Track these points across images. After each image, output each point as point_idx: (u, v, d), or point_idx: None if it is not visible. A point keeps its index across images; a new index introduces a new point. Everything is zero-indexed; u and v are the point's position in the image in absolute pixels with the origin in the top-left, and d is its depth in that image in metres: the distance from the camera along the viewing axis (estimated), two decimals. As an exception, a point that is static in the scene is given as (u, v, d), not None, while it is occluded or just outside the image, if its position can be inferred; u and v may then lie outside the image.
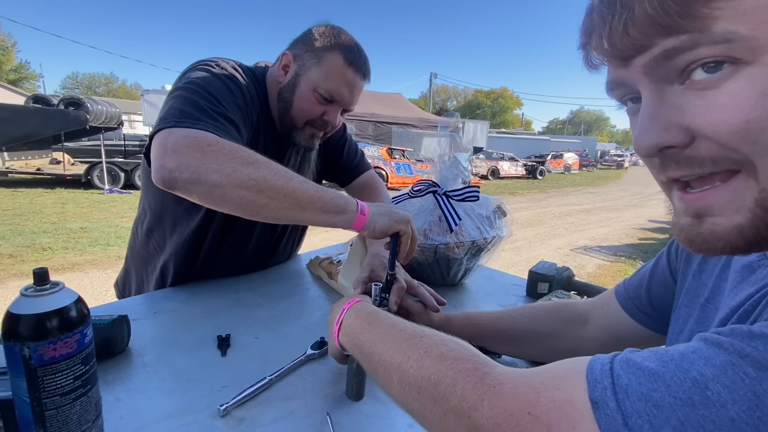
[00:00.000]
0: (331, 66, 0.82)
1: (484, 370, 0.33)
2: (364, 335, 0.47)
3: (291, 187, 0.64)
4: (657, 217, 8.13)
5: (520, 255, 4.89)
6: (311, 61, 0.83)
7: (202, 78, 0.74)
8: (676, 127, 0.27)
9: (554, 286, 0.97)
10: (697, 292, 0.43)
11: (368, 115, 11.36)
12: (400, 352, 0.40)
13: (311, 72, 0.83)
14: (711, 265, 0.43)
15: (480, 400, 0.30)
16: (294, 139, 0.89)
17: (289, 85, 0.85)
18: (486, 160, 14.86)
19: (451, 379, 0.33)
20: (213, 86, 0.73)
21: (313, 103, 0.84)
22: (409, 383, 0.37)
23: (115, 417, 0.51)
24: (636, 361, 0.27)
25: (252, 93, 0.84)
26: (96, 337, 0.60)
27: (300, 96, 0.84)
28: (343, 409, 0.56)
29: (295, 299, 0.91)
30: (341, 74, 0.83)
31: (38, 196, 6.53)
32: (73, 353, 0.39)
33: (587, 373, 0.28)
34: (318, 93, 0.83)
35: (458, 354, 0.36)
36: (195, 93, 0.70)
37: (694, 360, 0.25)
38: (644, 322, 0.54)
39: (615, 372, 0.27)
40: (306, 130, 0.89)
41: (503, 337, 0.66)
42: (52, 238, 4.34)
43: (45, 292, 0.38)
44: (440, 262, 0.96)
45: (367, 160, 1.16)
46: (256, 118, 0.85)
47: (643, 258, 5.02)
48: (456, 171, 1.02)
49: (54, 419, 0.39)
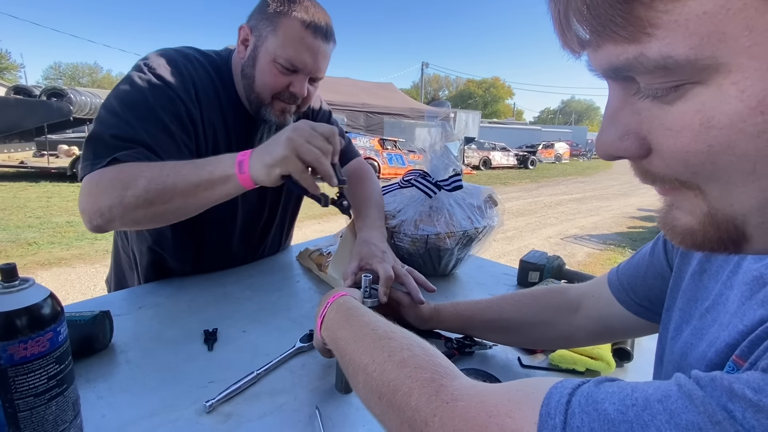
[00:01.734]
0: (287, 32, 0.76)
1: (441, 382, 0.32)
2: (341, 332, 0.46)
3: (171, 183, 0.64)
4: (646, 205, 8.24)
5: (512, 244, 4.92)
6: (267, 29, 0.77)
7: (120, 98, 0.71)
8: (633, 136, 0.24)
9: (545, 275, 0.97)
10: (696, 296, 0.39)
11: (359, 105, 11.26)
12: (367, 353, 0.39)
13: (268, 42, 0.77)
14: (715, 266, 0.39)
15: (432, 415, 0.30)
16: (264, 116, 0.84)
17: (249, 60, 0.80)
18: (477, 151, 14.86)
19: (408, 388, 0.32)
20: (129, 104, 0.70)
21: (275, 75, 0.79)
22: (372, 388, 0.36)
23: (97, 415, 0.50)
24: (596, 400, 0.24)
25: (205, 82, 0.80)
26: (76, 333, 0.59)
27: (261, 69, 0.79)
28: (333, 402, 0.56)
29: (285, 292, 0.90)
30: (300, 39, 0.76)
31: (22, 190, 6.37)
32: (46, 352, 0.37)
33: (542, 404, 0.26)
34: (278, 63, 0.77)
35: (419, 362, 0.35)
36: (105, 124, 0.69)
37: (658, 412, 0.22)
38: (640, 313, 0.52)
39: (570, 409, 0.24)
40: (275, 105, 0.83)
41: (491, 327, 0.65)
42: (37, 232, 4.25)
43: (13, 288, 0.36)
44: (431, 253, 0.96)
45: (355, 147, 1.13)
46: (218, 105, 0.82)
47: (632, 246, 5.09)
48: (447, 161, 1.01)
49: (28, 420, 0.37)
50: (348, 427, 0.52)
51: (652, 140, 0.23)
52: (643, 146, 0.24)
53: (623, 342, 0.68)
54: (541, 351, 0.70)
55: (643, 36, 0.20)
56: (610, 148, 0.25)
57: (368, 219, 0.90)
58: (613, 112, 0.25)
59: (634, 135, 0.24)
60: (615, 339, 0.62)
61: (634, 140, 0.24)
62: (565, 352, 0.66)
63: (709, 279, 0.38)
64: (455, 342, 0.69)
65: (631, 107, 0.24)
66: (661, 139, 0.22)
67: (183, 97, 0.75)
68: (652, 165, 0.24)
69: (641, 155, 0.24)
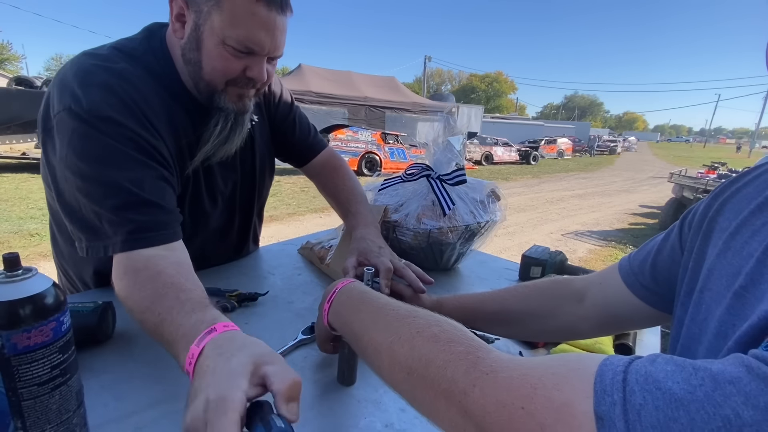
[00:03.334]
0: (234, 7, 0.62)
1: (477, 354, 0.31)
2: (355, 314, 0.46)
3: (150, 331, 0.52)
4: (648, 202, 8.22)
5: (513, 240, 4.92)
6: (208, 4, 0.63)
7: (84, 159, 0.60)
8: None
9: (547, 270, 0.97)
10: (724, 275, 0.37)
11: (361, 99, 11.20)
12: (390, 331, 0.39)
13: (212, 20, 0.63)
14: (739, 243, 0.37)
15: (471, 385, 0.29)
16: (218, 103, 0.72)
17: (191, 42, 0.67)
18: (480, 146, 14.80)
19: (443, 361, 0.32)
20: (100, 162, 0.60)
21: (226, 59, 0.66)
22: (399, 364, 0.36)
23: (100, 405, 0.50)
24: (656, 378, 0.23)
25: (147, 96, 0.66)
26: (79, 324, 0.59)
27: (208, 53, 0.66)
28: (335, 394, 0.56)
29: (286, 284, 0.90)
30: (251, 15, 0.63)
31: (24, 181, 6.38)
32: (50, 342, 0.37)
33: (596, 380, 0.24)
34: (229, 45, 0.65)
35: (451, 336, 0.34)
36: (91, 193, 0.59)
37: (731, 394, 0.20)
38: (646, 298, 0.51)
39: (629, 386, 0.23)
40: (230, 92, 0.71)
41: (495, 319, 0.65)
42: (39, 224, 4.26)
43: (17, 278, 0.36)
44: (433, 247, 0.95)
45: (321, 137, 1.04)
46: (166, 112, 0.69)
47: (634, 243, 5.08)
48: (450, 155, 1.00)
49: (32, 409, 0.37)
50: (350, 419, 0.52)
51: None
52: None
53: (625, 337, 0.68)
54: (543, 345, 0.70)
55: None
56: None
57: (360, 216, 0.89)
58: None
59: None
60: (619, 329, 0.62)
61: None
62: (566, 346, 0.66)
63: (734, 256, 0.37)
64: (457, 336, 0.69)
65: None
66: None
67: (137, 130, 0.63)
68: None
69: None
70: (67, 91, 0.62)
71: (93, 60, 0.65)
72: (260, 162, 0.92)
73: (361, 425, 0.51)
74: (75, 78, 0.62)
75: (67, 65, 0.66)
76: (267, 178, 0.98)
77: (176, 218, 0.65)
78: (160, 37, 0.72)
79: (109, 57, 0.66)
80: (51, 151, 0.64)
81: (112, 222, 0.59)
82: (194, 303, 0.49)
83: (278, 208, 5.71)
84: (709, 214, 0.43)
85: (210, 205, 0.85)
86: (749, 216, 0.38)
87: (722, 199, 0.43)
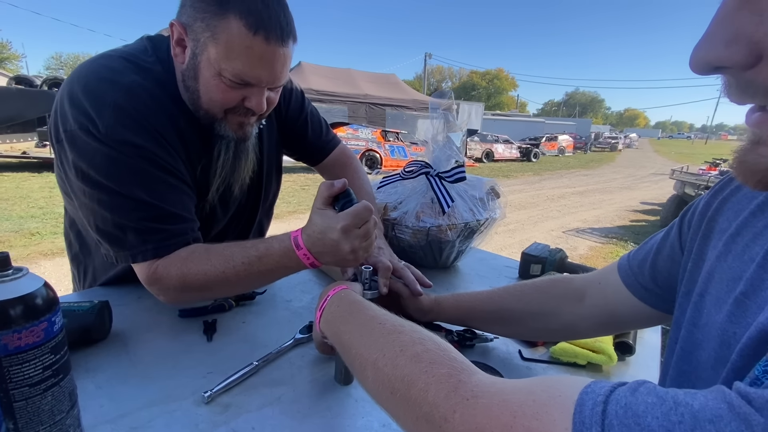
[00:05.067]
0: (229, 40, 0.59)
1: (459, 377, 0.31)
2: (344, 325, 0.46)
3: (245, 286, 0.68)
4: (649, 199, 8.19)
5: (513, 237, 4.91)
6: (204, 35, 0.61)
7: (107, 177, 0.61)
8: (743, 41, 0.22)
9: (547, 267, 0.96)
10: (725, 279, 0.36)
11: (361, 97, 11.18)
12: (376, 347, 0.38)
13: (209, 51, 0.61)
14: (740, 246, 0.36)
15: (452, 411, 0.29)
16: (219, 131, 0.71)
17: (190, 71, 0.65)
18: (480, 143, 14.77)
19: (424, 383, 0.32)
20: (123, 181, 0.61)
21: (224, 91, 0.64)
22: (383, 382, 0.35)
23: (95, 405, 0.50)
24: (636, 412, 0.22)
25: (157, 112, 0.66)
26: (75, 323, 0.59)
27: (205, 84, 0.64)
28: (332, 394, 0.55)
29: (284, 283, 0.89)
30: (247, 48, 0.60)
31: (25, 180, 6.38)
32: (41, 342, 0.36)
33: (575, 411, 0.24)
34: (225, 77, 0.62)
35: (434, 356, 0.34)
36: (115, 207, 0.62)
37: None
38: (646, 299, 0.51)
39: (607, 418, 0.22)
40: (230, 119, 0.70)
41: (493, 318, 0.65)
42: (40, 222, 4.27)
43: (7, 278, 0.35)
44: (432, 245, 0.95)
45: (334, 133, 1.04)
46: (175, 129, 0.68)
47: (635, 240, 5.07)
48: (449, 152, 0.99)
49: (24, 410, 0.37)
50: (347, 419, 0.51)
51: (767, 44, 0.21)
52: (752, 53, 0.22)
53: (626, 335, 0.68)
54: (542, 344, 0.69)
55: None
56: (709, 56, 0.23)
57: None
58: (725, 14, 0.23)
59: (745, 40, 0.22)
60: (619, 329, 0.61)
61: (744, 46, 0.22)
62: (566, 345, 0.66)
63: (734, 259, 0.36)
64: (456, 335, 0.68)
65: (751, 6, 0.22)
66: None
67: (153, 149, 0.64)
68: (762, 74, 0.22)
69: (746, 64, 0.23)
70: (79, 110, 0.61)
71: (102, 73, 0.64)
72: (267, 164, 0.92)
73: (358, 425, 0.51)
74: (85, 96, 0.62)
75: (75, 75, 0.65)
76: (274, 179, 0.98)
77: (197, 224, 0.70)
78: (165, 49, 0.70)
79: (118, 69, 0.65)
80: (65, 161, 0.65)
81: (139, 232, 0.63)
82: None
83: (279, 206, 5.69)
84: (709, 213, 0.42)
85: (221, 213, 0.86)
86: (749, 217, 0.37)
87: (722, 197, 0.42)
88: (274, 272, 0.64)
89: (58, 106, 0.64)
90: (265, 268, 0.63)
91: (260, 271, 0.63)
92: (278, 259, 0.62)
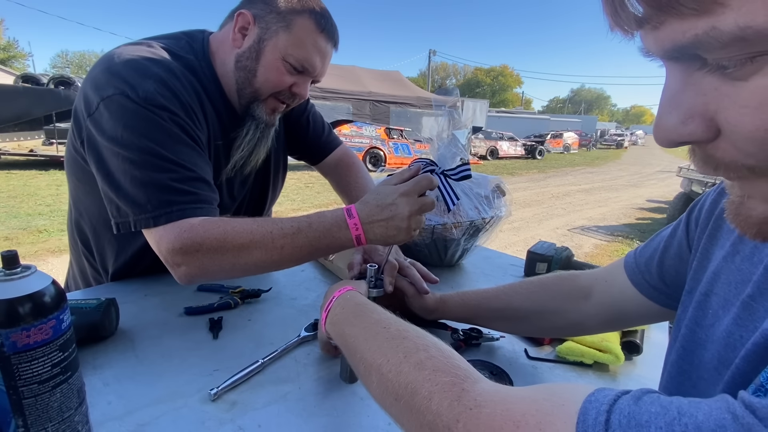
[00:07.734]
0: (302, 32, 0.72)
1: (462, 386, 0.31)
2: (349, 328, 0.46)
3: (287, 254, 0.63)
4: (655, 196, 8.13)
5: (518, 235, 4.89)
6: (278, 24, 0.72)
7: (141, 137, 0.63)
8: (698, 119, 0.22)
9: (553, 266, 0.95)
10: (732, 281, 0.36)
11: (365, 94, 11.14)
12: (380, 353, 0.38)
13: (279, 38, 0.73)
14: (749, 248, 0.36)
15: (455, 420, 0.29)
16: (254, 112, 0.79)
17: (251, 52, 0.74)
18: (485, 140, 14.72)
19: (428, 392, 0.31)
20: (157, 141, 0.64)
21: (281, 73, 0.75)
22: (387, 388, 0.35)
23: (103, 402, 0.50)
24: (639, 422, 0.22)
25: (191, 94, 0.71)
26: (83, 321, 0.59)
27: (266, 65, 0.74)
28: (337, 392, 0.55)
29: (289, 280, 0.89)
30: (313, 42, 0.74)
31: (32, 178, 6.45)
32: (50, 340, 0.37)
33: (578, 420, 0.24)
34: (288, 62, 0.74)
35: (437, 364, 0.34)
36: (147, 165, 0.63)
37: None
38: (654, 297, 0.50)
39: (611, 428, 0.22)
40: (269, 103, 0.79)
41: (499, 316, 0.64)
42: (47, 220, 4.31)
43: (15, 276, 0.36)
44: (437, 243, 0.95)
45: (336, 134, 1.07)
46: (198, 100, 0.73)
47: (641, 237, 5.04)
48: (454, 149, 0.99)
49: (33, 407, 0.37)
50: (353, 417, 0.51)
51: (721, 121, 0.21)
52: (710, 128, 0.22)
53: (633, 335, 0.67)
54: (549, 342, 0.69)
55: (715, 7, 0.18)
56: (672, 134, 0.23)
57: None
58: (672, 95, 0.23)
59: (699, 117, 0.22)
60: (627, 325, 0.61)
61: (700, 123, 0.22)
62: (572, 344, 0.65)
63: (742, 261, 0.36)
64: (461, 333, 0.68)
65: (694, 87, 0.22)
66: (733, 118, 0.21)
67: (187, 120, 0.69)
68: (719, 149, 0.22)
69: (707, 139, 0.22)
70: (119, 78, 0.65)
71: (142, 53, 0.69)
72: (275, 161, 0.94)
73: (364, 423, 0.51)
74: (127, 68, 0.66)
75: (110, 55, 0.69)
76: (280, 177, 1.01)
77: (217, 198, 0.71)
78: (201, 41, 0.78)
79: (157, 51, 0.72)
80: (94, 133, 0.65)
81: (170, 191, 0.63)
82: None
83: (282, 204, 5.72)
84: (716, 212, 0.42)
85: (228, 205, 0.87)
86: None
87: None
88: (320, 240, 0.63)
89: (90, 83, 0.67)
90: (313, 234, 0.63)
91: (308, 238, 0.63)
92: (329, 226, 0.63)
